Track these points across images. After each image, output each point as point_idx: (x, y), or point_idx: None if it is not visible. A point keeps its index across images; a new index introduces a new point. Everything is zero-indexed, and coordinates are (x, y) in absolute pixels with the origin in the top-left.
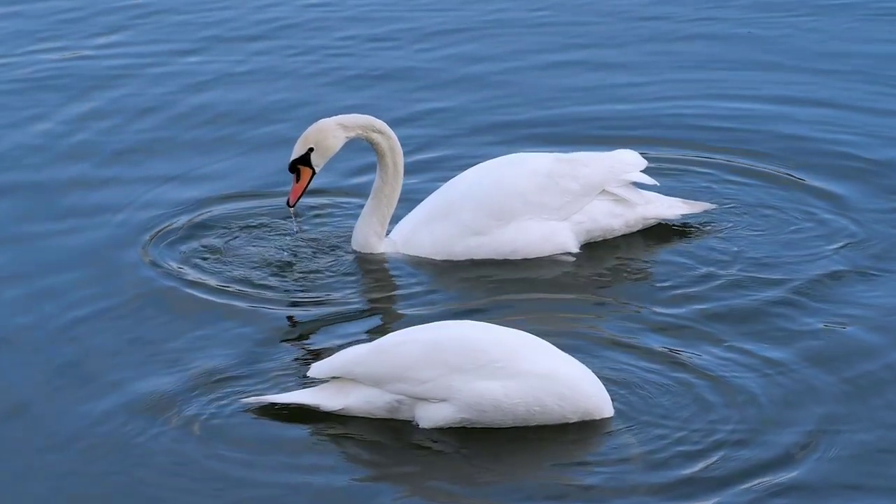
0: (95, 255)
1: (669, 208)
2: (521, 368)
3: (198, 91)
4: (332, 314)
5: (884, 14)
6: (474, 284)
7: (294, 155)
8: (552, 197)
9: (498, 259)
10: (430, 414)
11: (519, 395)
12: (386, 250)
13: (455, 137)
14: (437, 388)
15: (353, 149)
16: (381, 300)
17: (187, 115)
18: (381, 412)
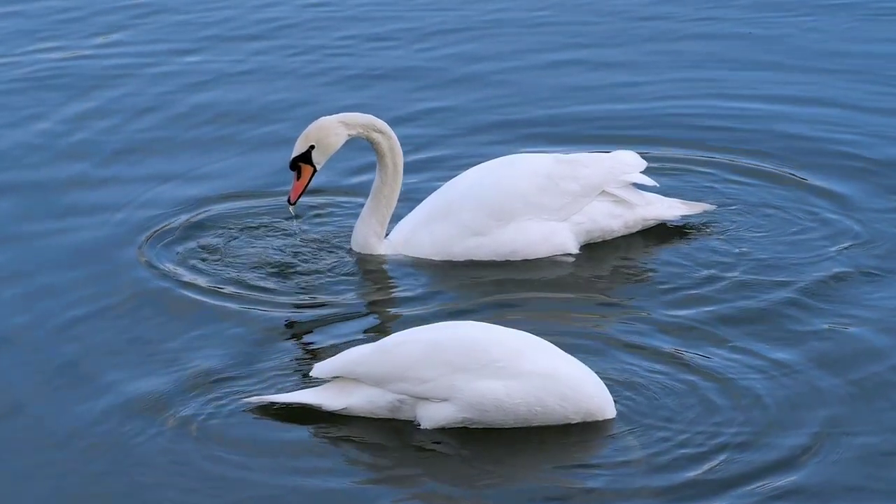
0: (94, 255)
1: (669, 209)
2: (523, 368)
3: (197, 90)
4: (332, 315)
5: (885, 13)
6: (474, 285)
7: (295, 152)
8: (552, 198)
9: (497, 260)
10: (432, 414)
11: (521, 395)
12: (385, 251)
13: (455, 137)
14: (439, 388)
15: (354, 148)
16: (381, 301)
17: (187, 115)
18: (383, 412)
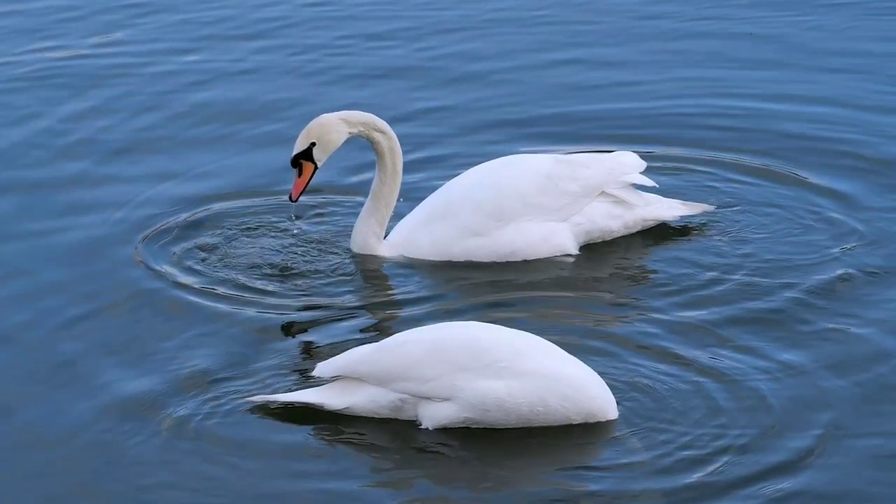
0: (93, 254)
1: (668, 210)
2: (525, 368)
3: (197, 89)
4: (330, 315)
5: (887, 12)
6: (473, 286)
7: (296, 149)
8: (552, 198)
9: (497, 260)
10: (434, 413)
11: (522, 395)
12: (385, 251)
13: (454, 136)
14: (441, 387)
15: (354, 147)
16: (380, 301)
17: (186, 114)
18: (386, 411)
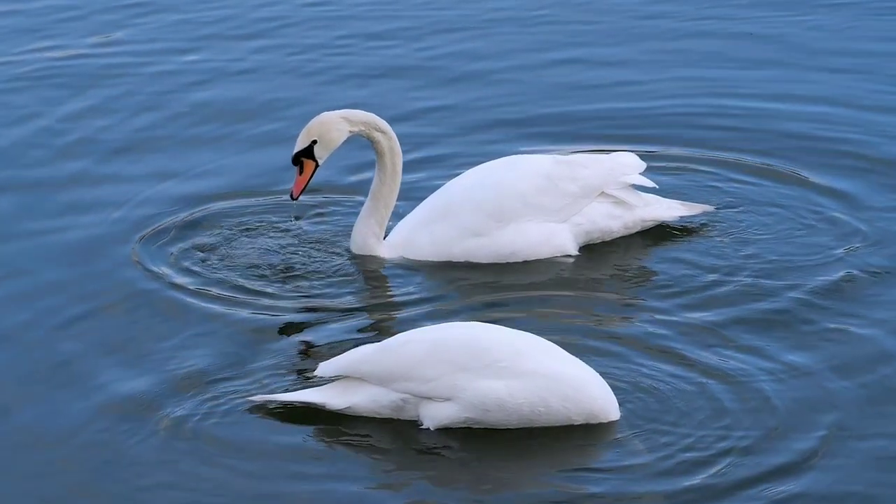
0: (92, 253)
1: (668, 210)
2: (527, 368)
3: (196, 89)
4: (330, 316)
5: (886, 13)
6: (472, 286)
7: (297, 147)
8: (551, 199)
9: (497, 261)
10: (435, 413)
11: (523, 395)
12: (385, 252)
13: (454, 135)
14: (442, 387)
15: (354, 146)
16: (379, 302)
17: (186, 113)
18: (387, 411)
